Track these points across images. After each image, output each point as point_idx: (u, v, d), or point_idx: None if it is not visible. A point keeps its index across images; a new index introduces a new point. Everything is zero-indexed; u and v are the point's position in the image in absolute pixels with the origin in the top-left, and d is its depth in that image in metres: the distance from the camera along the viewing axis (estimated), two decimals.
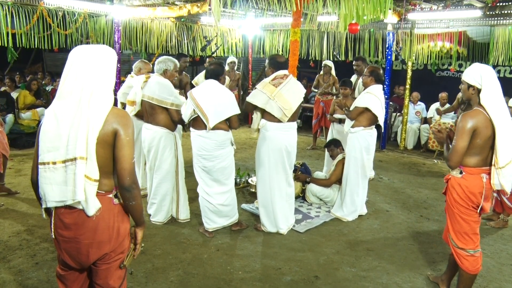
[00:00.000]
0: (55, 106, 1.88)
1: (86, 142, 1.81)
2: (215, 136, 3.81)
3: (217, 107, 3.76)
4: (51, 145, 1.84)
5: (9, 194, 4.92)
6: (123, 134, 1.88)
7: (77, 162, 1.80)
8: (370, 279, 3.34)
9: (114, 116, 1.88)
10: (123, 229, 2.01)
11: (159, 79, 4.13)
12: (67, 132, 1.82)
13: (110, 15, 7.71)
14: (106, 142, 1.86)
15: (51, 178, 1.85)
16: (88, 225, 1.90)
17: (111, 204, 1.95)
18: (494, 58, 7.47)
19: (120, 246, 2.02)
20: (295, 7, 4.32)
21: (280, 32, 10.03)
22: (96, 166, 1.84)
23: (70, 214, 1.89)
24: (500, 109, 2.68)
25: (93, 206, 1.87)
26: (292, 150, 4.07)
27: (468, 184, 2.76)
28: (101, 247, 1.95)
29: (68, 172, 1.82)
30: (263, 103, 3.87)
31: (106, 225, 1.93)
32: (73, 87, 1.86)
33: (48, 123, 1.87)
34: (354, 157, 4.48)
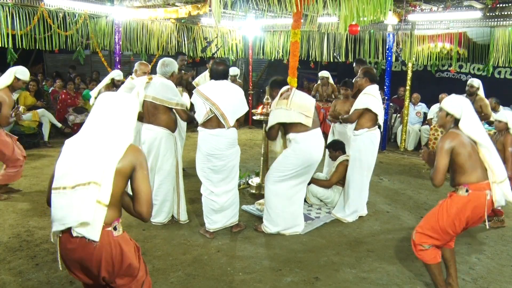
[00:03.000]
0: (76, 138, 2.06)
1: (103, 169, 1.94)
2: (230, 134, 3.86)
3: (233, 106, 3.84)
4: (65, 171, 1.97)
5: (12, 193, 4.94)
6: (141, 169, 2.04)
7: (90, 186, 1.92)
8: (371, 280, 3.34)
9: (132, 152, 2.04)
10: (127, 256, 2.10)
11: (163, 80, 4.16)
12: (84, 159, 1.96)
13: (111, 16, 7.72)
14: (123, 174, 2.01)
15: (62, 202, 1.95)
16: (91, 256, 2.00)
17: (111, 237, 2.03)
18: (494, 59, 7.47)
19: (129, 272, 2.13)
20: (295, 8, 4.31)
21: (280, 33, 10.03)
22: (110, 191, 1.95)
23: (73, 244, 1.99)
24: (480, 132, 2.87)
25: (99, 229, 1.96)
26: (320, 159, 4.09)
27: (473, 204, 2.83)
28: (108, 271, 2.06)
29: (77, 195, 1.93)
30: (285, 117, 3.93)
31: (109, 256, 2.03)
32: (97, 123, 2.04)
33: (67, 151, 2.03)
34: (359, 159, 4.48)
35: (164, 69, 4.23)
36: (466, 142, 2.84)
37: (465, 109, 2.91)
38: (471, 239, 4.24)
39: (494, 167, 2.82)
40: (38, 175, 5.78)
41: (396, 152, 8.23)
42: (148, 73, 4.97)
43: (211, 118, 3.84)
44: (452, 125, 2.96)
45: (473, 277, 3.47)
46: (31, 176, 5.71)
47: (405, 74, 8.37)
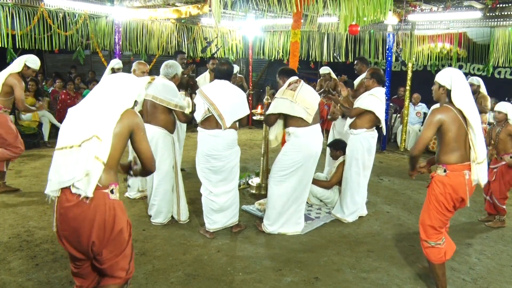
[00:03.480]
0: (80, 105, 2.21)
1: (103, 126, 2.08)
2: (228, 135, 3.85)
3: (232, 107, 3.82)
4: (70, 133, 2.11)
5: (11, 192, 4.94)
6: (138, 130, 2.20)
7: (93, 140, 2.05)
8: (371, 280, 3.34)
9: (128, 115, 2.18)
10: (119, 222, 2.16)
11: (165, 81, 4.17)
12: (88, 120, 2.10)
13: (111, 16, 7.73)
14: (120, 136, 2.14)
15: (65, 160, 2.06)
16: (85, 216, 2.07)
17: (107, 199, 2.12)
18: (494, 59, 7.48)
19: (118, 241, 2.18)
20: (296, 8, 4.32)
21: (280, 34, 10.04)
22: (108, 150, 2.08)
23: (71, 202, 2.07)
24: (471, 107, 2.89)
25: (93, 186, 2.05)
26: (319, 155, 4.11)
27: (452, 183, 2.93)
28: (98, 236, 2.11)
29: (82, 151, 2.04)
30: (288, 108, 3.94)
31: (102, 217, 2.10)
32: (100, 94, 2.20)
33: (70, 116, 2.17)
34: (355, 159, 4.48)
35: (167, 70, 4.24)
36: (456, 120, 2.87)
37: (455, 79, 2.92)
38: (471, 239, 4.24)
39: (477, 147, 2.87)
40: (38, 175, 5.78)
41: (396, 152, 8.23)
42: (146, 72, 4.96)
43: (210, 118, 3.83)
44: (446, 100, 2.97)
45: (473, 277, 3.47)
46: (31, 176, 5.71)
47: (405, 74, 8.37)
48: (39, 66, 4.95)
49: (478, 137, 2.87)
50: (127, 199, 4.94)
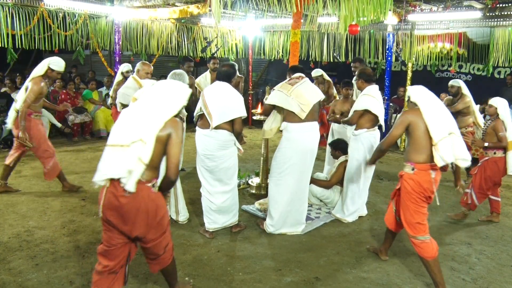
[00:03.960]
0: (131, 108, 2.52)
1: (148, 132, 2.36)
2: (218, 135, 3.82)
3: (223, 108, 3.80)
4: (122, 132, 2.41)
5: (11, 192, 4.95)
6: (175, 136, 2.44)
7: (138, 143, 2.34)
8: (371, 280, 3.34)
9: (171, 123, 2.44)
10: (160, 211, 2.49)
11: None
12: (136, 124, 2.39)
13: (111, 16, 7.73)
14: (161, 141, 2.41)
15: (114, 156, 2.36)
16: (131, 205, 2.38)
17: (150, 192, 2.44)
18: (494, 59, 7.48)
19: (160, 226, 2.51)
20: (295, 8, 4.32)
21: (280, 33, 10.03)
22: (150, 152, 2.36)
23: (119, 193, 2.36)
24: (430, 100, 3.22)
25: (133, 182, 2.33)
26: (314, 151, 4.11)
27: (419, 179, 3.15)
28: (143, 225, 2.43)
29: (129, 151, 2.34)
30: (282, 101, 3.98)
31: (145, 207, 2.41)
32: (150, 99, 2.49)
33: (123, 118, 2.49)
34: (357, 159, 4.47)
35: (174, 78, 4.23)
36: (422, 122, 3.11)
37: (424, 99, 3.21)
38: (471, 239, 4.24)
39: (431, 128, 3.07)
40: (38, 175, 5.78)
41: (396, 152, 8.23)
42: (150, 73, 4.97)
43: (204, 118, 3.87)
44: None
45: (473, 277, 3.47)
46: (31, 176, 5.71)
47: (405, 74, 8.37)
48: (64, 67, 4.95)
49: (432, 120, 3.08)
50: None
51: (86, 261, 3.42)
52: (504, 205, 5.40)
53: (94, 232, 4.00)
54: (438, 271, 3.17)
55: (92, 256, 3.51)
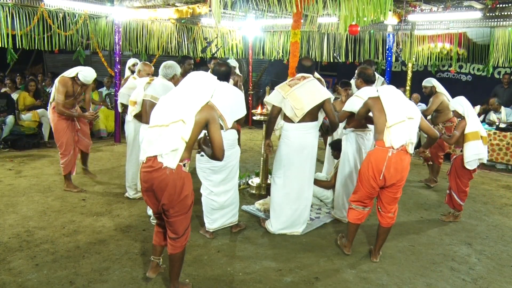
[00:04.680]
0: (170, 95, 2.77)
1: (189, 113, 2.62)
2: (228, 135, 3.85)
3: (231, 108, 3.82)
4: (162, 114, 2.66)
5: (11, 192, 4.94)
6: (213, 122, 2.69)
7: (179, 123, 2.59)
8: (371, 280, 3.34)
9: (207, 109, 2.70)
10: (186, 189, 2.71)
11: (164, 81, 4.19)
12: (176, 106, 2.64)
13: (111, 16, 7.73)
14: (199, 124, 2.65)
15: (155, 135, 2.62)
16: (163, 179, 2.63)
17: (181, 170, 2.68)
18: (494, 59, 7.48)
19: (183, 203, 2.73)
20: (295, 8, 4.32)
21: (280, 34, 10.04)
22: (190, 132, 2.61)
23: (154, 167, 2.63)
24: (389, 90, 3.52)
25: (177, 160, 2.62)
26: (312, 150, 4.10)
27: (375, 155, 3.42)
28: (169, 197, 2.67)
29: (170, 131, 2.59)
30: (278, 101, 3.98)
31: (174, 183, 2.65)
32: (186, 87, 2.76)
33: (162, 102, 2.76)
34: (347, 159, 4.46)
35: (166, 71, 4.24)
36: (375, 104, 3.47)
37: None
38: (471, 239, 4.24)
39: (387, 112, 3.35)
40: (38, 175, 5.78)
41: None
42: (151, 74, 4.98)
43: None
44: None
45: (473, 277, 3.47)
46: (31, 176, 5.71)
47: (405, 74, 8.38)
48: (91, 80, 5.05)
49: (388, 106, 3.36)
50: (127, 199, 4.94)
51: (86, 261, 3.42)
52: (504, 205, 5.41)
53: (94, 232, 4.00)
54: (352, 232, 3.72)
55: (92, 256, 3.51)
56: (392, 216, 3.58)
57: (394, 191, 3.49)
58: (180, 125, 2.58)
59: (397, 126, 3.33)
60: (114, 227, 4.13)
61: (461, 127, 4.48)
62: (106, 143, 8.07)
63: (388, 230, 3.64)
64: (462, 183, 4.58)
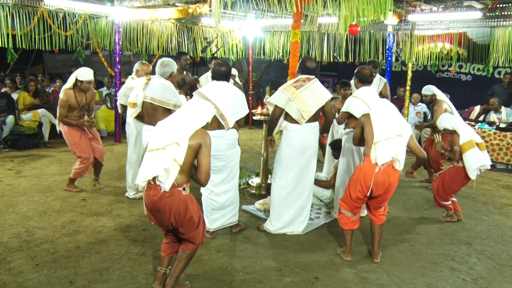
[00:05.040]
0: (167, 120, 2.86)
1: (182, 136, 2.68)
2: (229, 135, 3.86)
3: (233, 107, 3.82)
4: (158, 139, 2.74)
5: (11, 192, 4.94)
6: (205, 146, 2.75)
7: (173, 145, 2.66)
8: (371, 280, 3.34)
9: (200, 134, 2.76)
10: (190, 211, 2.79)
11: (161, 81, 4.16)
12: (171, 130, 2.73)
13: (111, 16, 7.73)
14: (192, 148, 2.72)
15: (152, 159, 2.70)
16: (166, 206, 2.72)
17: (181, 194, 2.75)
18: (494, 59, 7.48)
19: (190, 224, 2.82)
20: (296, 8, 4.32)
21: (280, 34, 10.04)
22: (184, 155, 2.66)
23: (156, 196, 2.71)
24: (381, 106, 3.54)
25: (171, 182, 2.66)
26: (314, 151, 4.10)
27: (364, 170, 3.44)
28: (175, 219, 2.76)
29: (164, 153, 2.66)
30: (283, 103, 3.94)
31: (177, 208, 2.74)
32: (182, 114, 2.86)
33: (160, 126, 2.83)
34: (346, 159, 4.47)
35: (163, 70, 4.23)
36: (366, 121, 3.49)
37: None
38: (471, 239, 4.24)
39: (374, 129, 3.39)
40: (38, 175, 5.78)
41: None
42: (149, 73, 4.97)
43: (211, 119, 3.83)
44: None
45: (473, 277, 3.47)
46: (31, 176, 5.71)
47: (405, 74, 8.37)
48: (91, 76, 4.99)
49: (376, 123, 3.40)
50: (127, 199, 4.94)
51: (86, 261, 3.42)
52: (504, 205, 5.41)
53: (94, 232, 4.00)
54: (348, 235, 3.66)
55: (92, 256, 3.51)
56: (383, 213, 3.64)
57: (381, 200, 3.54)
58: (174, 147, 2.66)
59: (383, 143, 3.35)
60: (114, 227, 4.13)
61: (458, 142, 4.44)
62: (106, 143, 8.04)
63: (381, 227, 3.66)
64: (444, 191, 4.59)
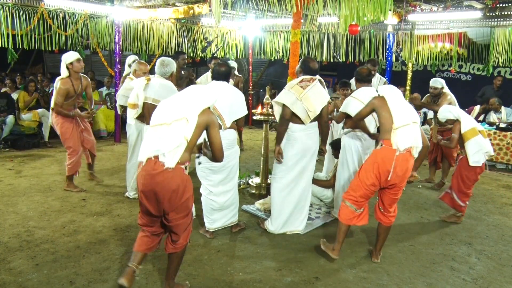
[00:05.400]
0: (171, 98, 2.76)
1: (192, 112, 2.61)
2: (227, 135, 3.85)
3: (231, 107, 3.82)
4: (163, 114, 2.63)
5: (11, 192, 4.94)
6: (213, 126, 2.71)
7: (183, 121, 2.57)
8: (371, 280, 3.34)
9: (207, 113, 2.71)
10: (187, 192, 2.68)
11: (162, 81, 4.15)
12: (179, 107, 2.63)
13: (111, 16, 7.73)
14: (199, 126, 2.64)
15: (157, 135, 2.58)
16: (166, 182, 2.57)
17: (183, 173, 2.65)
18: (494, 59, 7.48)
19: (184, 207, 2.69)
20: (296, 8, 4.32)
21: (280, 33, 10.04)
22: (192, 131, 2.58)
23: (157, 170, 2.56)
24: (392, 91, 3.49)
25: (177, 158, 2.56)
26: (316, 150, 4.11)
27: (383, 155, 3.34)
28: (170, 200, 2.62)
29: (172, 129, 2.56)
30: (291, 103, 3.93)
31: (177, 186, 2.60)
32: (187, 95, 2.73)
33: (163, 104, 2.72)
34: (345, 159, 4.47)
35: (164, 70, 4.22)
36: (386, 105, 3.38)
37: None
38: (471, 239, 4.24)
39: (393, 114, 3.32)
40: (38, 175, 5.78)
41: None
42: (147, 72, 4.95)
43: None
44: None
45: (473, 277, 3.47)
46: (31, 176, 5.71)
47: (405, 74, 8.38)
48: (78, 56, 5.20)
49: (395, 108, 3.33)
50: (127, 199, 4.95)
51: (86, 261, 3.42)
52: (504, 205, 5.41)
53: (94, 232, 4.00)
54: (343, 232, 3.53)
55: (92, 256, 3.51)
56: (394, 214, 3.59)
57: (395, 192, 3.47)
58: (183, 123, 2.56)
59: (403, 128, 3.30)
60: (114, 227, 4.13)
61: (458, 129, 4.48)
62: (106, 143, 8.07)
63: (389, 230, 3.63)
64: (464, 185, 4.55)
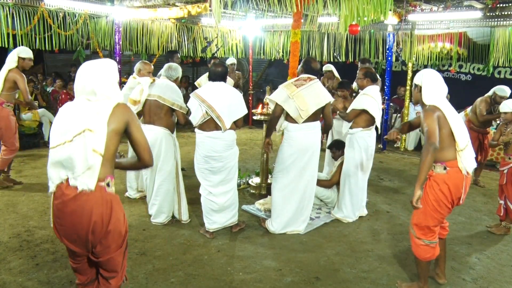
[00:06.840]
0: (69, 104, 2.18)
1: (95, 119, 2.05)
2: (227, 136, 3.85)
3: (230, 108, 3.82)
4: (63, 129, 2.08)
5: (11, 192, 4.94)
6: (133, 122, 2.17)
7: (85, 133, 2.03)
8: (371, 280, 3.34)
9: (122, 110, 2.15)
10: (115, 216, 2.15)
11: (169, 82, 4.22)
12: (78, 117, 2.07)
13: (111, 16, 7.72)
14: (117, 131, 2.11)
15: (62, 155, 2.05)
16: (83, 209, 2.06)
17: (104, 192, 2.10)
18: (494, 59, 7.48)
19: (114, 235, 2.17)
20: (296, 8, 4.32)
21: (280, 33, 10.03)
22: (104, 141, 2.04)
23: (68, 196, 2.06)
24: (443, 100, 2.99)
25: (95, 179, 2.04)
26: (315, 150, 4.09)
27: (453, 180, 2.92)
28: (94, 231, 2.10)
29: (77, 144, 2.03)
30: (282, 100, 3.93)
31: (99, 211, 2.08)
32: (85, 88, 2.15)
33: (61, 115, 2.14)
34: (353, 158, 4.48)
35: (171, 73, 4.28)
36: (444, 118, 2.90)
37: (425, 77, 3.02)
38: (471, 239, 4.24)
39: (456, 133, 2.88)
40: (38, 175, 5.78)
41: (396, 152, 8.23)
42: (151, 72, 4.98)
43: (208, 120, 3.83)
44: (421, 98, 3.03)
45: (473, 277, 3.47)
46: (31, 176, 5.71)
47: (405, 74, 8.37)
48: (31, 53, 5.11)
49: (455, 124, 2.90)
50: (127, 199, 4.95)
51: None
52: None
53: None
54: (427, 269, 3.10)
55: None
56: (447, 223, 3.30)
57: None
58: (87, 135, 2.02)
59: (466, 150, 2.93)
60: None
61: None
62: None
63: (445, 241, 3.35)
64: None
